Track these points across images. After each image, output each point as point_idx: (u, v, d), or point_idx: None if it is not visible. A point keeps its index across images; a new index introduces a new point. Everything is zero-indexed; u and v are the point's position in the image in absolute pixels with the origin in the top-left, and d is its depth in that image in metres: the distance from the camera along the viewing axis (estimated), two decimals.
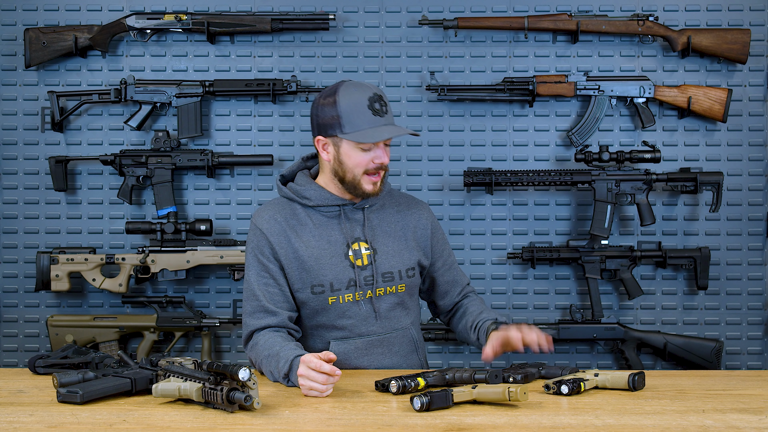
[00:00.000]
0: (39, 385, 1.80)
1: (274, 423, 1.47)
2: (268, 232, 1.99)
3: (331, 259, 1.98)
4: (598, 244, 2.94)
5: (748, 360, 3.07)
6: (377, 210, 2.08)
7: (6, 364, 3.07)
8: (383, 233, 2.05)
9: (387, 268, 2.03)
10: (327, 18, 2.96)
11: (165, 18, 2.97)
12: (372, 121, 1.92)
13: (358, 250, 2.01)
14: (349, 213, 2.03)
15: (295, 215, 2.02)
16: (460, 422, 1.46)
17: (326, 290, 1.98)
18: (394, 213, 2.10)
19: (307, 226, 2.01)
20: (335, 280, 1.98)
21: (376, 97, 1.93)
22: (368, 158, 1.95)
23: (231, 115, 3.07)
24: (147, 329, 2.94)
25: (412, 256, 2.07)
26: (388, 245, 2.05)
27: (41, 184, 3.06)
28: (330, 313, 2.01)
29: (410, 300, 2.11)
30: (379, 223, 2.06)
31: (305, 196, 2.02)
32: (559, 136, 3.06)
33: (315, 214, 2.02)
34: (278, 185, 2.08)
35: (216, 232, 3.03)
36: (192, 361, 1.69)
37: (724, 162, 3.05)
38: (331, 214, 2.02)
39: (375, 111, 1.92)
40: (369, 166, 1.95)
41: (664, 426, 1.44)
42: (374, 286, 2.01)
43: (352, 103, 1.92)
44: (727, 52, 2.95)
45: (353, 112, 1.92)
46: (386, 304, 2.03)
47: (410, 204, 2.15)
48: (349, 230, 2.02)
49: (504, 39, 3.06)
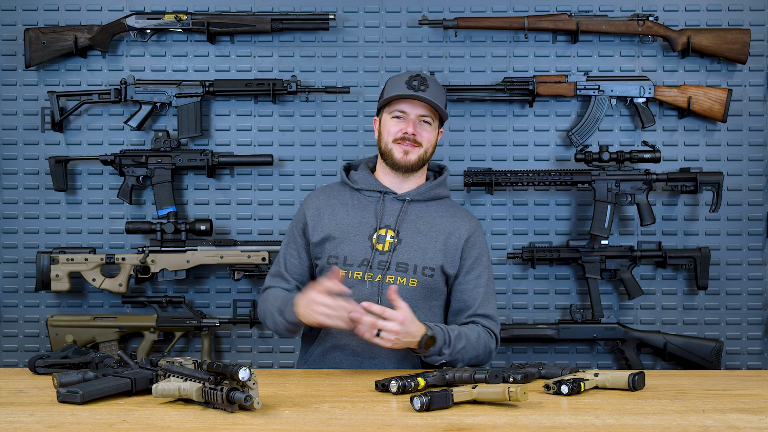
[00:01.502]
0: (39, 385, 1.80)
1: (274, 423, 1.47)
2: (307, 208, 2.21)
3: (355, 237, 2.12)
4: (598, 244, 2.94)
5: (748, 360, 3.07)
6: (419, 207, 2.18)
7: (6, 364, 3.07)
8: (414, 228, 2.14)
9: (404, 259, 2.10)
10: (327, 18, 2.96)
11: (165, 18, 2.97)
12: (403, 91, 2.11)
13: (383, 236, 2.12)
14: (388, 201, 2.17)
15: (339, 196, 2.22)
16: (460, 422, 1.46)
17: (339, 262, 2.10)
18: (435, 215, 2.18)
19: (346, 206, 2.19)
20: (350, 255, 2.10)
21: (417, 77, 2.13)
22: (398, 128, 2.14)
23: (231, 115, 3.07)
24: (147, 329, 2.94)
25: (435, 257, 2.11)
26: (415, 240, 2.12)
27: (41, 184, 3.06)
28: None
29: (424, 302, 2.11)
30: (415, 219, 2.15)
31: (354, 179, 2.22)
32: (559, 136, 3.06)
33: (358, 196, 2.20)
34: (340, 170, 2.28)
35: (216, 232, 3.03)
36: (192, 361, 1.69)
37: (724, 162, 3.05)
38: (372, 198, 2.19)
39: (411, 86, 2.11)
40: (398, 135, 2.14)
41: (664, 426, 1.44)
42: (385, 272, 2.08)
43: (396, 80, 2.17)
44: (727, 52, 2.95)
45: (393, 86, 2.16)
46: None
47: (456, 213, 2.22)
48: (381, 216, 2.14)
49: (504, 39, 3.06)
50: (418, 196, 2.18)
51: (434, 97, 2.12)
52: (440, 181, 2.23)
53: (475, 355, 2.05)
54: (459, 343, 2.00)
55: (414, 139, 2.13)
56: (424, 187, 2.20)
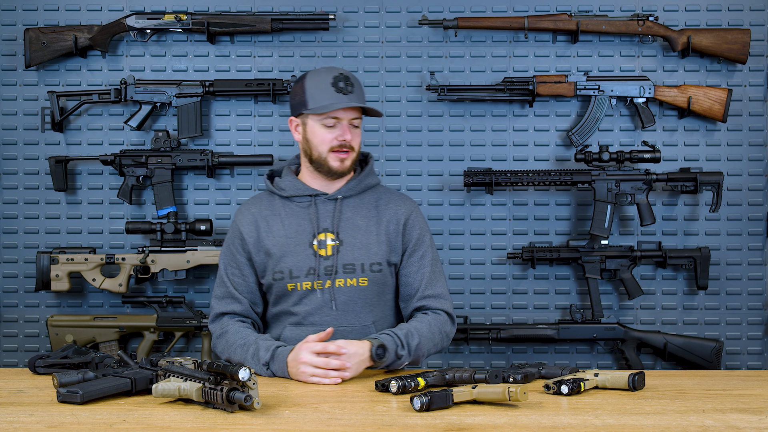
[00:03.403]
0: (39, 385, 1.80)
1: (274, 423, 1.47)
2: (241, 224, 2.12)
3: (295, 248, 2.06)
4: (598, 244, 2.94)
5: (748, 360, 3.07)
6: (353, 202, 2.12)
7: (6, 364, 3.07)
8: (353, 226, 2.09)
9: (350, 260, 2.06)
10: (327, 18, 2.96)
11: (165, 18, 2.97)
12: (334, 97, 2.00)
13: (324, 240, 2.06)
14: (320, 204, 2.10)
15: (271, 207, 2.13)
16: (460, 422, 1.46)
17: (285, 277, 2.06)
18: (372, 207, 2.13)
19: (279, 216, 2.10)
20: (294, 267, 2.05)
21: (341, 77, 2.02)
22: (332, 136, 2.03)
23: (231, 115, 3.07)
24: (147, 329, 2.94)
25: (380, 250, 2.08)
26: (356, 238, 2.08)
27: (41, 184, 3.06)
28: (289, 299, 2.07)
29: (377, 298, 2.09)
30: (351, 216, 2.10)
31: (281, 187, 2.14)
32: (559, 136, 3.06)
33: (289, 205, 2.12)
34: (265, 179, 2.19)
35: (216, 232, 3.03)
36: (192, 361, 1.69)
37: (724, 162, 3.05)
38: (303, 204, 2.11)
39: (339, 89, 2.00)
40: (333, 144, 2.04)
41: (664, 426, 1.44)
42: (334, 276, 2.04)
43: (317, 81, 2.03)
44: (727, 52, 2.95)
45: (316, 89, 2.02)
46: (345, 296, 2.05)
47: (391, 199, 2.16)
48: (317, 220, 2.08)
49: (504, 39, 3.06)
50: (350, 192, 2.11)
51: (361, 95, 2.05)
52: (368, 171, 2.15)
53: (433, 345, 2.03)
54: (412, 340, 1.96)
55: (350, 145, 2.05)
56: (353, 182, 2.12)
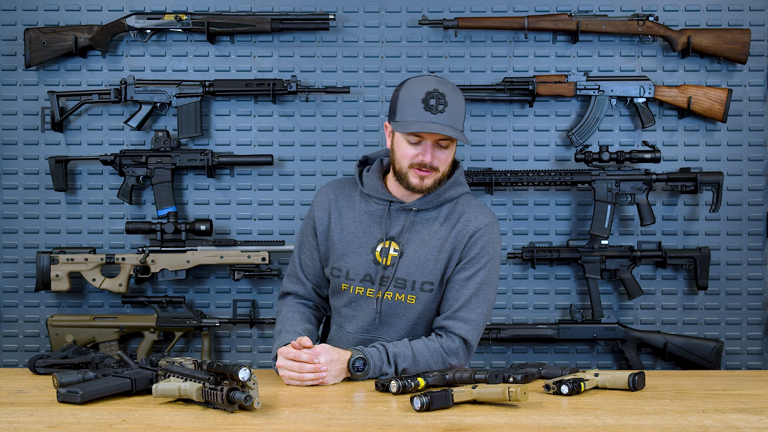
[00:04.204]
0: (39, 385, 1.80)
1: (274, 423, 1.47)
2: (317, 207, 2.09)
3: (358, 249, 2.02)
4: (598, 244, 2.94)
5: (748, 360, 3.07)
6: (427, 216, 2.02)
7: (6, 364, 3.07)
8: (419, 240, 2.00)
9: (403, 275, 1.99)
10: (327, 18, 2.96)
11: (165, 18, 2.97)
12: (420, 115, 1.89)
13: (387, 249, 2.00)
14: (394, 211, 2.03)
15: (349, 196, 2.08)
16: (460, 422, 1.46)
17: (342, 276, 2.03)
18: (444, 221, 2.02)
19: (354, 210, 2.06)
20: (352, 270, 2.02)
21: (435, 93, 1.89)
22: (414, 153, 1.93)
23: (231, 115, 3.07)
24: (147, 329, 2.94)
25: (435, 269, 1.98)
26: (418, 253, 1.99)
27: (41, 184, 3.06)
28: (341, 298, 2.06)
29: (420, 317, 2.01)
30: (420, 229, 2.01)
31: (363, 182, 2.07)
32: (559, 136, 3.06)
33: (368, 202, 2.05)
34: (356, 166, 2.12)
35: (216, 232, 3.03)
36: (192, 361, 1.69)
37: (724, 162, 3.05)
38: (379, 206, 2.04)
39: (428, 106, 1.89)
40: (414, 161, 1.93)
41: (664, 426, 1.44)
42: (385, 288, 1.99)
43: (410, 93, 1.91)
44: (727, 52, 2.95)
45: (407, 101, 1.91)
46: (390, 309, 2.00)
47: (467, 211, 2.03)
48: (387, 227, 2.01)
49: (504, 39, 3.06)
50: (426, 205, 2.01)
51: (454, 116, 1.91)
52: (450, 183, 2.03)
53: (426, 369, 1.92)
54: (401, 362, 1.88)
55: (431, 166, 1.93)
56: (431, 194, 2.01)
